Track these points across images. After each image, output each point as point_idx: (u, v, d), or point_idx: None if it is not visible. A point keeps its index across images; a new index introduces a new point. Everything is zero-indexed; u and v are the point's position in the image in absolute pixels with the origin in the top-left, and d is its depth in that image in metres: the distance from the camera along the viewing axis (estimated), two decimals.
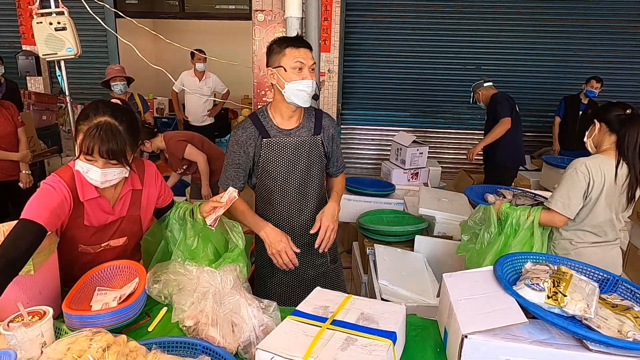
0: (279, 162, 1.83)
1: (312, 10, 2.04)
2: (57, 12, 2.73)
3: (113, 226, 1.59)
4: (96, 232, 1.56)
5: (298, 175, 1.86)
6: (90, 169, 1.38)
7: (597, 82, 4.85)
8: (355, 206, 3.61)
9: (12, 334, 1.11)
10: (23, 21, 6.51)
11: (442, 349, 1.29)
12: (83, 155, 1.37)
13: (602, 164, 1.97)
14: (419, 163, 4.26)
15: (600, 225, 2.02)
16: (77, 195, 1.46)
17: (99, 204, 1.52)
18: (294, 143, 1.82)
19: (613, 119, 2.00)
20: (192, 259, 1.60)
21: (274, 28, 2.20)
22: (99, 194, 1.50)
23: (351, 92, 6.51)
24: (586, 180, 1.96)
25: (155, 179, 1.67)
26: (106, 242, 1.59)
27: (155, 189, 1.67)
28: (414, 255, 2.56)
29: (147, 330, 1.38)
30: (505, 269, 1.37)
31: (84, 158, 1.38)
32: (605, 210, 2.00)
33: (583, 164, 1.97)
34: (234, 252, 1.65)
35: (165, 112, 7.84)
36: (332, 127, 1.91)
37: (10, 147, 3.48)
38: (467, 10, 5.98)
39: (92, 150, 1.34)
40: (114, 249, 1.62)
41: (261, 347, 1.08)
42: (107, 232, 1.58)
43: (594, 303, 1.18)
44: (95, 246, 1.57)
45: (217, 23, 7.68)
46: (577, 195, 1.97)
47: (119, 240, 1.62)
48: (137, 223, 1.65)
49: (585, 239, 2.05)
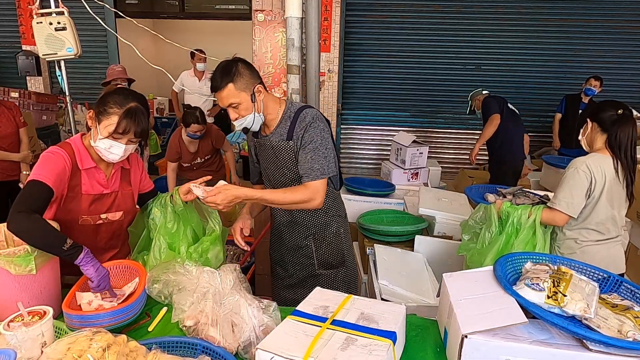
0: (262, 164, 1.94)
1: (312, 10, 2.04)
2: (57, 12, 2.73)
3: (109, 198, 1.70)
4: (93, 202, 1.65)
5: (272, 180, 1.92)
6: (115, 145, 1.56)
7: (596, 81, 4.88)
8: (355, 206, 3.60)
9: (12, 334, 1.11)
10: (23, 21, 6.51)
11: (442, 349, 1.29)
12: (111, 134, 1.54)
13: (601, 162, 1.98)
14: (419, 163, 4.26)
15: (603, 222, 2.03)
16: (76, 164, 1.60)
17: (95, 175, 1.65)
18: (268, 148, 1.86)
19: (605, 119, 2.01)
20: (171, 243, 1.69)
21: (274, 28, 2.20)
22: (96, 165, 1.65)
23: (351, 92, 6.51)
24: (588, 178, 1.96)
25: (137, 162, 1.83)
26: (104, 214, 1.69)
27: (138, 170, 1.83)
28: (414, 255, 2.56)
29: (147, 330, 1.39)
30: (506, 269, 1.37)
31: (111, 137, 1.55)
32: (607, 207, 2.00)
33: (584, 163, 1.98)
34: (211, 236, 1.76)
35: (165, 112, 7.84)
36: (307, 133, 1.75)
37: (12, 147, 3.48)
38: (467, 10, 5.97)
39: (129, 131, 1.55)
40: (111, 223, 1.72)
41: (261, 347, 1.08)
42: (104, 203, 1.69)
43: (594, 303, 1.18)
44: (94, 216, 1.67)
45: (217, 23, 7.68)
46: (579, 194, 1.97)
47: (116, 215, 1.73)
48: (130, 198, 1.77)
49: (589, 237, 2.05)
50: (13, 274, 1.32)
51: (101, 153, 1.59)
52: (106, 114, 1.55)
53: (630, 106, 2.06)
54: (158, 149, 4.86)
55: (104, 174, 1.67)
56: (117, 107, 1.55)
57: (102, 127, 1.55)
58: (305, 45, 2.14)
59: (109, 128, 1.54)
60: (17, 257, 1.33)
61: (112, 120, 1.54)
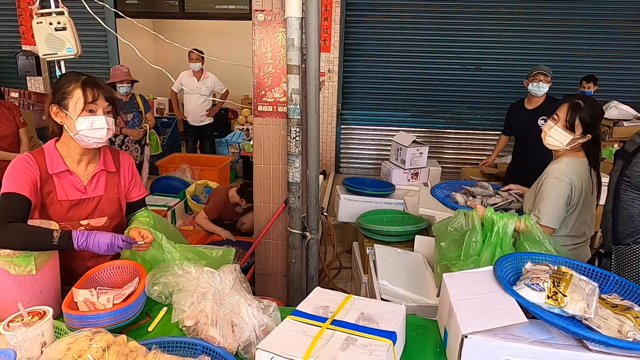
0: None
1: (312, 10, 2.04)
2: (57, 12, 2.73)
3: (90, 204, 1.63)
4: (71, 208, 1.59)
5: None
6: (95, 119, 1.52)
7: (588, 82, 4.81)
8: (355, 206, 3.61)
9: (12, 334, 1.11)
10: (23, 21, 6.51)
11: (442, 349, 1.29)
12: (83, 108, 1.50)
13: (577, 167, 1.98)
14: (419, 163, 4.26)
15: (581, 227, 2.04)
16: (46, 170, 1.54)
17: (70, 180, 1.59)
18: None
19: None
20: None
21: (274, 28, 2.19)
22: (68, 169, 1.59)
23: (351, 92, 6.51)
24: (569, 189, 1.95)
25: (128, 168, 1.77)
26: (85, 220, 1.63)
27: (128, 175, 1.77)
28: (414, 255, 2.55)
29: (147, 330, 1.38)
30: (505, 269, 1.37)
31: (85, 112, 1.51)
32: (583, 212, 2.02)
33: (564, 174, 1.95)
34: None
35: (165, 112, 7.86)
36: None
37: (12, 147, 3.48)
38: (467, 10, 5.97)
39: (98, 97, 1.52)
40: (95, 229, 1.63)
41: (261, 347, 1.08)
42: (84, 209, 1.62)
43: (594, 303, 1.18)
44: (74, 223, 1.60)
45: (217, 23, 7.68)
46: (562, 206, 1.96)
47: (100, 220, 1.66)
48: (116, 203, 1.71)
49: (567, 243, 2.04)
50: (13, 274, 1.32)
51: (87, 138, 1.53)
52: (68, 94, 1.52)
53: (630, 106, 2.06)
54: (159, 149, 4.86)
55: (78, 178, 1.61)
56: (74, 82, 1.52)
57: (71, 109, 1.51)
58: (305, 45, 2.14)
59: (78, 104, 1.50)
60: (17, 258, 1.33)
61: (76, 94, 1.51)
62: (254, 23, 2.21)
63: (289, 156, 2.29)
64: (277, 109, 2.33)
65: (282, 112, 2.32)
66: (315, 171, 2.32)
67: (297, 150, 2.27)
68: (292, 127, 2.23)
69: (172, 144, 6.80)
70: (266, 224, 2.50)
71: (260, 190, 2.48)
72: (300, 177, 2.33)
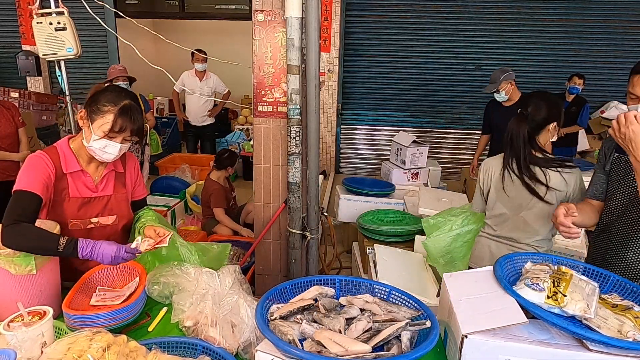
0: None
1: (312, 10, 2.04)
2: (57, 12, 2.74)
3: (100, 202, 1.66)
4: (82, 206, 1.61)
5: None
6: (110, 144, 1.53)
7: (580, 79, 4.81)
8: (355, 206, 3.61)
9: (12, 334, 1.11)
10: (23, 21, 6.52)
11: (442, 349, 1.29)
12: (106, 133, 1.51)
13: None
14: (419, 163, 4.26)
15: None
16: (61, 168, 1.56)
17: (82, 179, 1.61)
18: None
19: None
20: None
21: (274, 28, 2.19)
22: (82, 168, 1.61)
23: (351, 92, 6.51)
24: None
25: (133, 168, 1.80)
26: (95, 218, 1.65)
27: (134, 174, 1.80)
28: (414, 255, 2.56)
29: (147, 330, 1.38)
30: (505, 269, 1.37)
31: (105, 136, 1.51)
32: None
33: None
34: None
35: (165, 112, 7.85)
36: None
37: (11, 147, 3.48)
38: (467, 10, 5.98)
39: (125, 129, 1.52)
40: (104, 227, 1.67)
41: (260, 349, 1.08)
42: (94, 207, 1.64)
43: (593, 303, 1.18)
44: (84, 220, 1.62)
45: (217, 23, 7.69)
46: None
47: (109, 219, 1.68)
48: (124, 203, 1.73)
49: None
50: (13, 274, 1.33)
51: (95, 153, 1.55)
52: (100, 112, 1.50)
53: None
54: (159, 149, 4.86)
55: (91, 177, 1.63)
56: (112, 105, 1.50)
57: (96, 127, 1.51)
58: (305, 45, 2.14)
59: (104, 127, 1.50)
60: (17, 257, 1.33)
61: (107, 118, 1.50)
62: (254, 23, 2.21)
63: (289, 156, 2.29)
64: (277, 109, 2.33)
65: (282, 112, 2.32)
66: (315, 171, 2.32)
67: (297, 150, 2.27)
68: (292, 127, 2.23)
69: (172, 144, 6.80)
70: (266, 224, 2.50)
71: (260, 190, 2.48)
72: (300, 177, 2.33)
